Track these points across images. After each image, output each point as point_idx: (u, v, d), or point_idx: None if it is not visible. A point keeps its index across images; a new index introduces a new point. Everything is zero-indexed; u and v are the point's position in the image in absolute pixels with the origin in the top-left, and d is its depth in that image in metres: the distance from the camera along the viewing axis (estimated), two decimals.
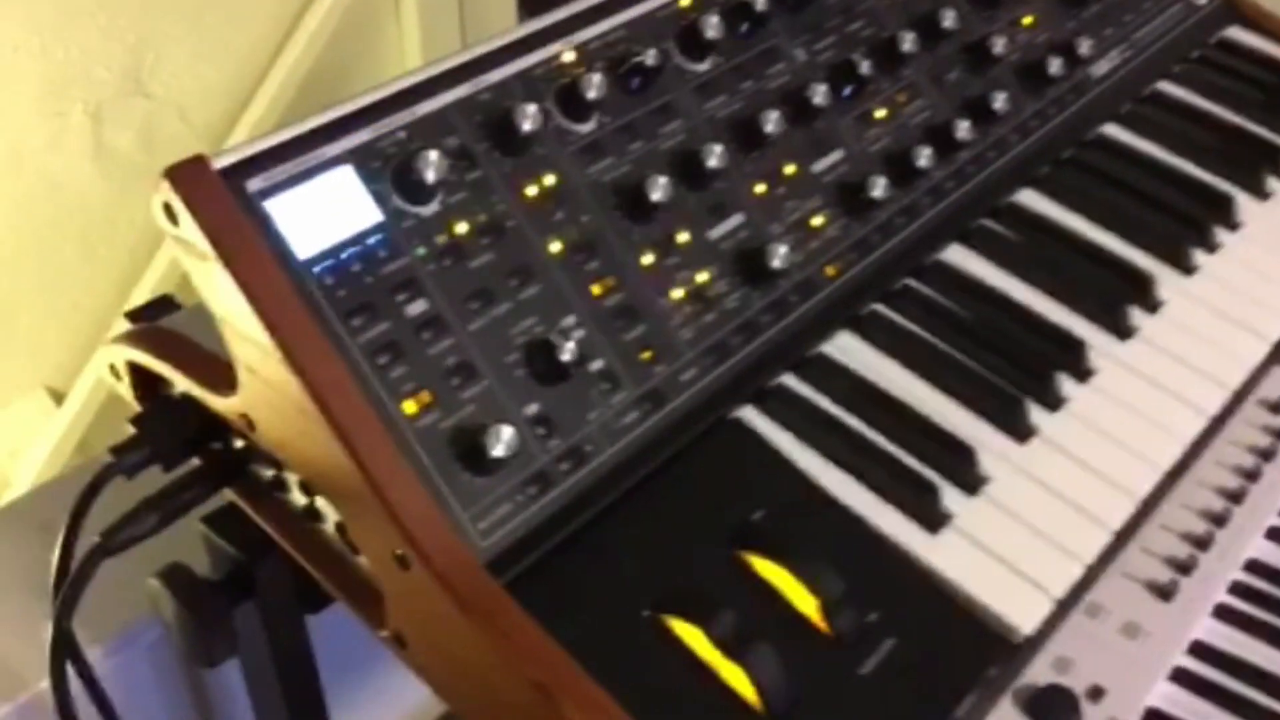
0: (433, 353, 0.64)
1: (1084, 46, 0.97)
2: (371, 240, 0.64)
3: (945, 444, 0.73)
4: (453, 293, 0.66)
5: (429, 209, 0.66)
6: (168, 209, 0.61)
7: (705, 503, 0.68)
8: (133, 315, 0.79)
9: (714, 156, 0.74)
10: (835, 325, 0.79)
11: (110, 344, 0.75)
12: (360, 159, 0.65)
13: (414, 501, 0.60)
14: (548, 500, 0.65)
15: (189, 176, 0.60)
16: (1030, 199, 0.91)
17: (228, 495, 0.72)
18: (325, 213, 0.63)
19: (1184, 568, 0.73)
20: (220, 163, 0.61)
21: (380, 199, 0.65)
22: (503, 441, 0.62)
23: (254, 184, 0.62)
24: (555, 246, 0.70)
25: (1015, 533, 0.70)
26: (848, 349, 0.78)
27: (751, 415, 0.73)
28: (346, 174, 0.65)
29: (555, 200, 0.70)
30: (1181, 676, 0.69)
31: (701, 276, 0.74)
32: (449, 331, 0.65)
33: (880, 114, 0.86)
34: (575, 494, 0.66)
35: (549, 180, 0.71)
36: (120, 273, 2.06)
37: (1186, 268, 0.88)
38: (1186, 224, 0.91)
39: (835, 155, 0.82)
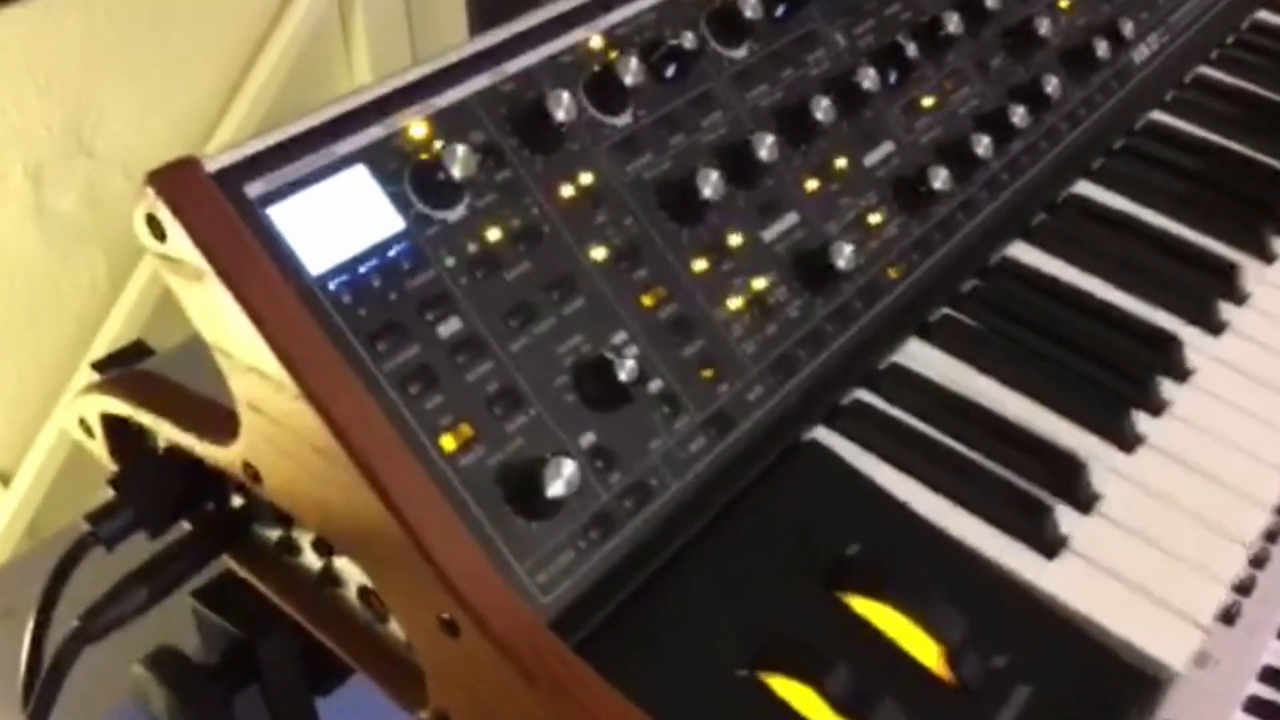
0: (471, 378, 0.55)
1: (1126, 29, 0.90)
2: (393, 251, 0.55)
3: (1050, 457, 0.65)
4: (489, 309, 0.56)
5: (455, 213, 0.57)
6: (152, 221, 0.51)
7: (791, 539, 0.59)
8: (100, 365, 0.69)
9: (765, 148, 0.66)
10: (904, 332, 0.71)
11: (81, 395, 0.65)
12: (374, 158, 0.56)
13: (462, 554, 0.51)
14: (613, 545, 0.56)
15: (178, 181, 0.51)
16: (1091, 190, 0.84)
17: (224, 563, 0.63)
18: (337, 220, 0.54)
19: (1243, 588, 0.65)
20: (214, 165, 0.52)
21: (400, 203, 0.56)
22: (563, 477, 0.52)
23: (254, 189, 0.53)
24: (598, 254, 0.61)
25: (1141, 554, 0.62)
26: (922, 357, 0.70)
27: (828, 436, 0.65)
28: (360, 175, 0.55)
29: (594, 201, 0.62)
30: (1256, 706, 0.62)
31: (759, 283, 0.65)
32: (488, 353, 0.55)
33: (928, 102, 0.78)
34: (644, 536, 0.56)
35: (585, 179, 0.62)
36: (67, 342, 1.94)
37: (1267, 255, 0.81)
38: (1260, 209, 0.84)
39: (887, 147, 0.75)
